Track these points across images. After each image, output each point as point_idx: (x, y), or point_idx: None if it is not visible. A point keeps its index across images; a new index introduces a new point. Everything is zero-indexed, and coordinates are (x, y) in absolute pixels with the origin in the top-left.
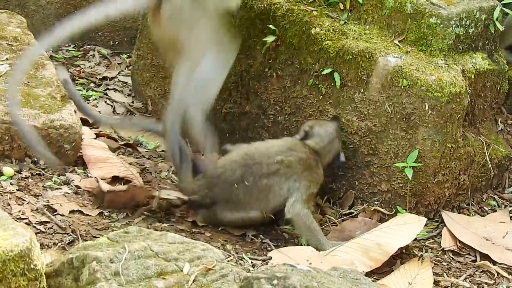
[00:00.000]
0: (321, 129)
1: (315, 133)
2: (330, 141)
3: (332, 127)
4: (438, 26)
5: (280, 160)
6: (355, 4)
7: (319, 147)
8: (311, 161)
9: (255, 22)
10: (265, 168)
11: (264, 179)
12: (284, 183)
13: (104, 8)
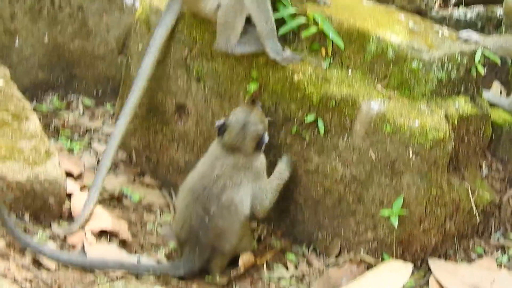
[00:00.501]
0: (232, 118)
1: (227, 124)
2: (242, 128)
3: (244, 111)
4: (420, 71)
5: (220, 174)
6: (337, 50)
7: (231, 139)
8: (239, 160)
9: (238, 70)
10: (215, 189)
11: (223, 196)
12: (239, 189)
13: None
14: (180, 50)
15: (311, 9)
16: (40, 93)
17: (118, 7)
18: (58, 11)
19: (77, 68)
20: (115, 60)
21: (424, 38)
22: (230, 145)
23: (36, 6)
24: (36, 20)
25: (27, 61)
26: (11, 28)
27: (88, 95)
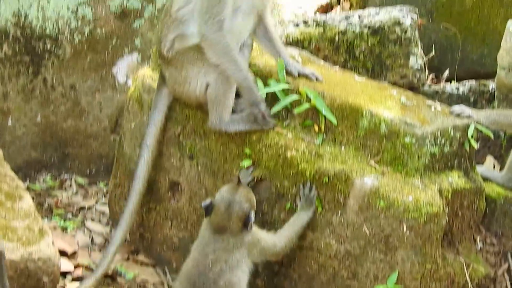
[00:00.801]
0: (217, 198)
1: (214, 204)
2: (227, 207)
3: (230, 190)
4: (413, 146)
5: (214, 259)
6: (330, 126)
7: (217, 219)
8: (229, 242)
9: (231, 147)
10: (211, 274)
11: (220, 281)
12: (237, 270)
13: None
14: (173, 128)
15: (304, 85)
16: (33, 172)
17: (110, 85)
18: (51, 91)
19: (70, 147)
20: (108, 139)
21: (416, 113)
22: (217, 225)
23: (28, 85)
24: (28, 100)
25: (20, 140)
26: (4, 108)
27: (81, 174)
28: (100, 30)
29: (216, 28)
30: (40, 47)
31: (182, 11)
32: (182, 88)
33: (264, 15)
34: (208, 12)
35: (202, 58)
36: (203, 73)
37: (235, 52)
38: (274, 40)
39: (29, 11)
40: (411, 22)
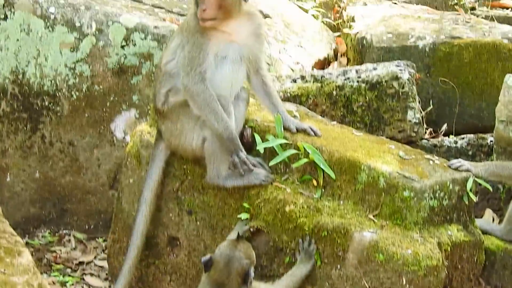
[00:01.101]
0: (217, 253)
1: (213, 260)
2: (227, 263)
3: (229, 246)
4: (412, 199)
5: None
6: (328, 180)
7: (216, 275)
8: None
9: (229, 202)
10: None
11: None
12: None
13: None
14: (171, 183)
15: (302, 139)
16: (32, 228)
17: (108, 141)
18: (49, 147)
19: (68, 203)
20: (106, 194)
21: (415, 167)
22: (216, 281)
23: (27, 142)
24: (27, 156)
25: (18, 196)
26: (2, 164)
27: (80, 230)
28: (97, 86)
29: (197, 80)
30: (38, 104)
31: (170, 64)
32: (178, 141)
33: (259, 66)
34: (190, 64)
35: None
36: (199, 127)
37: (216, 103)
38: (271, 94)
39: (27, 69)
40: (409, 76)
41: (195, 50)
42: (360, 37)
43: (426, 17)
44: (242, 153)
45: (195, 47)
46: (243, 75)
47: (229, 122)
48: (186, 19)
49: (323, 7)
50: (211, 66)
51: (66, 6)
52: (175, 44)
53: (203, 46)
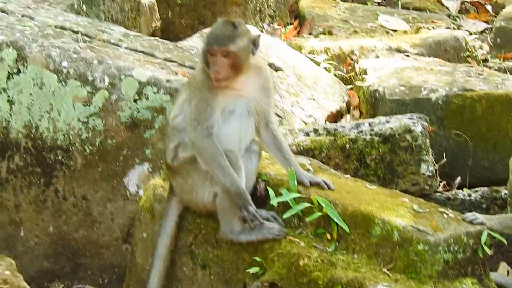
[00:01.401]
0: None
1: None
2: None
3: None
4: (426, 253)
5: None
6: (342, 234)
7: None
8: None
9: (243, 256)
10: None
11: None
12: None
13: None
14: (185, 237)
15: (316, 193)
16: (46, 282)
17: (122, 195)
18: (62, 201)
19: (82, 257)
20: (120, 248)
21: (429, 220)
22: None
23: (40, 196)
24: (40, 210)
25: (32, 250)
26: (16, 219)
27: (94, 284)
28: (111, 140)
29: (203, 135)
30: (51, 158)
31: (177, 119)
32: (190, 197)
33: (269, 120)
34: (196, 119)
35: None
36: (210, 182)
37: (223, 158)
38: (282, 148)
39: (40, 123)
40: (422, 129)
41: (202, 105)
42: (372, 89)
43: (439, 70)
44: (252, 207)
45: (202, 102)
46: (251, 129)
47: (236, 177)
48: (193, 74)
49: (335, 60)
50: (218, 121)
51: (79, 61)
52: (183, 99)
53: (210, 102)
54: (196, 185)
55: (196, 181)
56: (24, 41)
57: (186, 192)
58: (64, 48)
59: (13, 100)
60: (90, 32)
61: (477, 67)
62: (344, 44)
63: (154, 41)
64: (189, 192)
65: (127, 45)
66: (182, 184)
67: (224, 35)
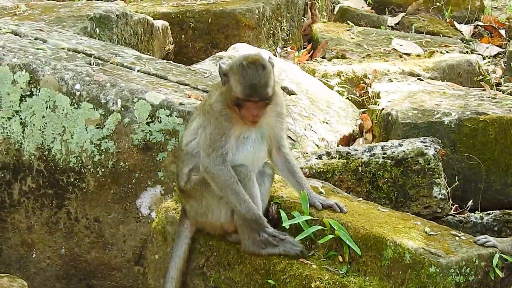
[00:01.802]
0: None
1: None
2: None
3: None
4: (438, 275)
5: None
6: (354, 256)
7: None
8: None
9: (255, 278)
10: None
11: None
12: None
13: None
14: (197, 259)
15: (328, 216)
16: None
17: (134, 217)
18: (75, 223)
19: (94, 279)
20: (132, 270)
21: (441, 243)
22: None
23: (52, 218)
24: (52, 232)
25: (44, 272)
26: (28, 240)
27: None
28: (123, 163)
29: (218, 162)
30: (64, 180)
31: (191, 144)
32: (205, 218)
33: (281, 145)
34: (211, 145)
35: None
36: (224, 201)
37: (237, 184)
38: (295, 172)
39: (52, 145)
40: (435, 152)
41: (217, 133)
42: (385, 113)
43: (452, 93)
44: (269, 229)
45: (218, 129)
46: (264, 154)
47: (251, 203)
48: (209, 103)
49: (348, 84)
50: (232, 148)
51: (92, 83)
52: (197, 125)
53: (226, 130)
54: (211, 206)
55: (211, 202)
56: (37, 63)
57: (201, 214)
58: (77, 71)
59: (26, 123)
60: (103, 55)
61: (490, 91)
62: (357, 67)
63: (167, 64)
64: (204, 214)
65: (140, 68)
66: (196, 206)
67: (261, 84)
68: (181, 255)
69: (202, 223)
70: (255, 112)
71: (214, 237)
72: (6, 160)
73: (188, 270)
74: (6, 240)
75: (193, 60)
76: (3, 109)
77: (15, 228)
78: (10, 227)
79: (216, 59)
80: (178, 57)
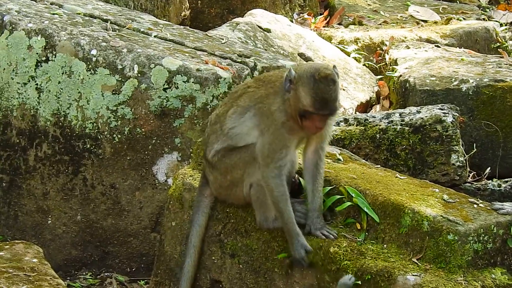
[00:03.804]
0: None
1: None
2: None
3: None
4: (456, 243)
5: None
6: (372, 224)
7: None
8: None
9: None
10: None
11: None
12: None
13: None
14: (214, 227)
15: (346, 183)
16: (73, 271)
17: (150, 184)
18: (91, 190)
19: (110, 246)
20: (148, 237)
21: (459, 211)
22: None
23: (68, 184)
24: (68, 199)
25: (60, 239)
26: (44, 207)
27: (122, 272)
28: (140, 129)
29: (275, 174)
30: (79, 147)
31: (235, 130)
32: (230, 191)
33: (321, 147)
34: (270, 156)
35: (246, 160)
36: (247, 175)
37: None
38: (317, 181)
39: (68, 111)
40: (453, 119)
41: (277, 144)
42: (402, 80)
43: (469, 60)
44: (301, 237)
45: (278, 140)
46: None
47: (293, 220)
48: (268, 108)
49: (365, 50)
50: (291, 161)
51: (108, 49)
52: (251, 122)
53: (287, 143)
54: (235, 179)
55: (235, 176)
56: (53, 29)
57: (225, 187)
58: (93, 36)
59: (42, 88)
60: (119, 21)
61: (508, 58)
62: (374, 34)
63: (184, 30)
64: (228, 187)
65: (157, 34)
66: (220, 180)
67: (331, 98)
68: (202, 224)
69: (226, 195)
70: (320, 125)
71: (231, 204)
72: (21, 126)
73: (205, 237)
74: (21, 206)
75: (210, 26)
76: (19, 74)
77: (31, 194)
78: (26, 193)
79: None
80: (194, 23)
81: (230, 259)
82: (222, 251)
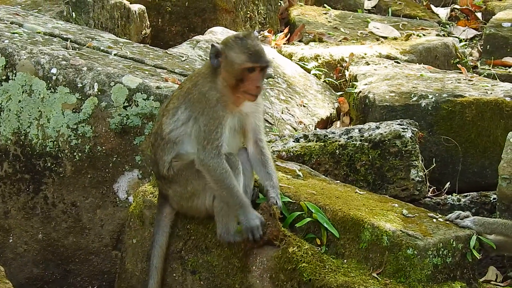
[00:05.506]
0: None
1: None
2: None
3: None
4: (416, 257)
5: None
6: (332, 239)
7: None
8: None
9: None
10: None
11: None
12: None
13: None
14: (175, 243)
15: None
16: None
17: (111, 202)
18: (52, 208)
19: (71, 264)
20: (109, 255)
21: (418, 225)
22: None
23: (29, 203)
24: (29, 217)
25: (21, 257)
26: (5, 225)
27: None
28: (100, 147)
29: (214, 154)
30: (40, 165)
31: (174, 133)
32: (191, 203)
33: (259, 138)
34: (206, 138)
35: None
36: (209, 186)
37: (232, 178)
38: (268, 164)
39: (29, 130)
40: (412, 135)
41: (212, 123)
42: (362, 96)
43: (429, 76)
44: (259, 220)
45: (213, 120)
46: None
47: (244, 197)
48: (199, 91)
49: (325, 67)
50: (227, 139)
51: (68, 67)
52: (183, 116)
53: (221, 120)
54: (196, 190)
55: (197, 187)
56: (13, 48)
57: (186, 199)
58: (53, 55)
59: (2, 107)
60: (79, 39)
61: (467, 73)
62: (335, 51)
63: (144, 48)
64: (190, 199)
65: (117, 52)
66: (180, 191)
67: (262, 50)
68: (163, 244)
69: (188, 207)
70: (259, 83)
71: (191, 221)
72: None
73: (166, 254)
74: None
75: (170, 44)
76: None
77: None
78: None
79: (193, 43)
80: (155, 41)
81: (191, 275)
82: (183, 268)
